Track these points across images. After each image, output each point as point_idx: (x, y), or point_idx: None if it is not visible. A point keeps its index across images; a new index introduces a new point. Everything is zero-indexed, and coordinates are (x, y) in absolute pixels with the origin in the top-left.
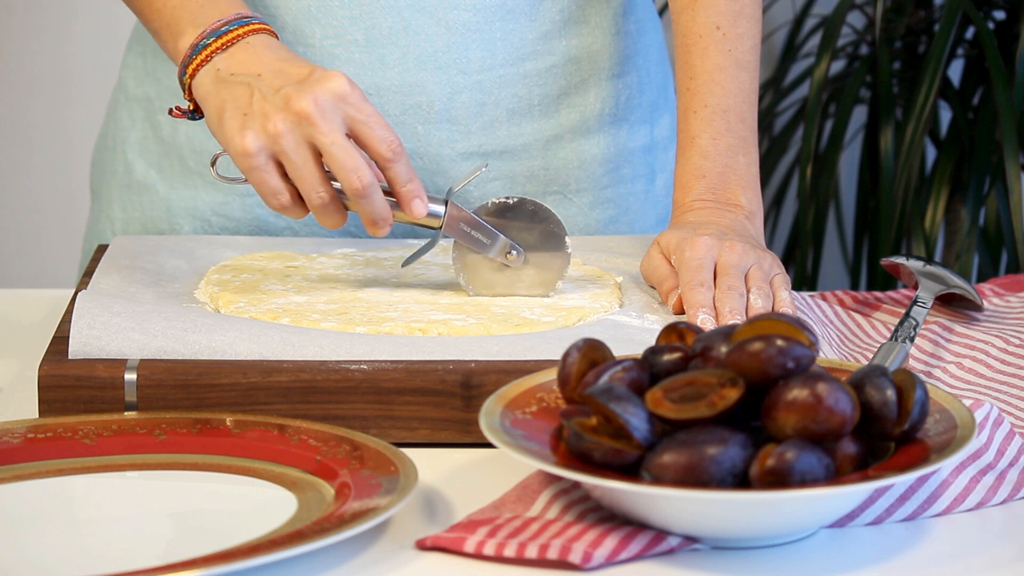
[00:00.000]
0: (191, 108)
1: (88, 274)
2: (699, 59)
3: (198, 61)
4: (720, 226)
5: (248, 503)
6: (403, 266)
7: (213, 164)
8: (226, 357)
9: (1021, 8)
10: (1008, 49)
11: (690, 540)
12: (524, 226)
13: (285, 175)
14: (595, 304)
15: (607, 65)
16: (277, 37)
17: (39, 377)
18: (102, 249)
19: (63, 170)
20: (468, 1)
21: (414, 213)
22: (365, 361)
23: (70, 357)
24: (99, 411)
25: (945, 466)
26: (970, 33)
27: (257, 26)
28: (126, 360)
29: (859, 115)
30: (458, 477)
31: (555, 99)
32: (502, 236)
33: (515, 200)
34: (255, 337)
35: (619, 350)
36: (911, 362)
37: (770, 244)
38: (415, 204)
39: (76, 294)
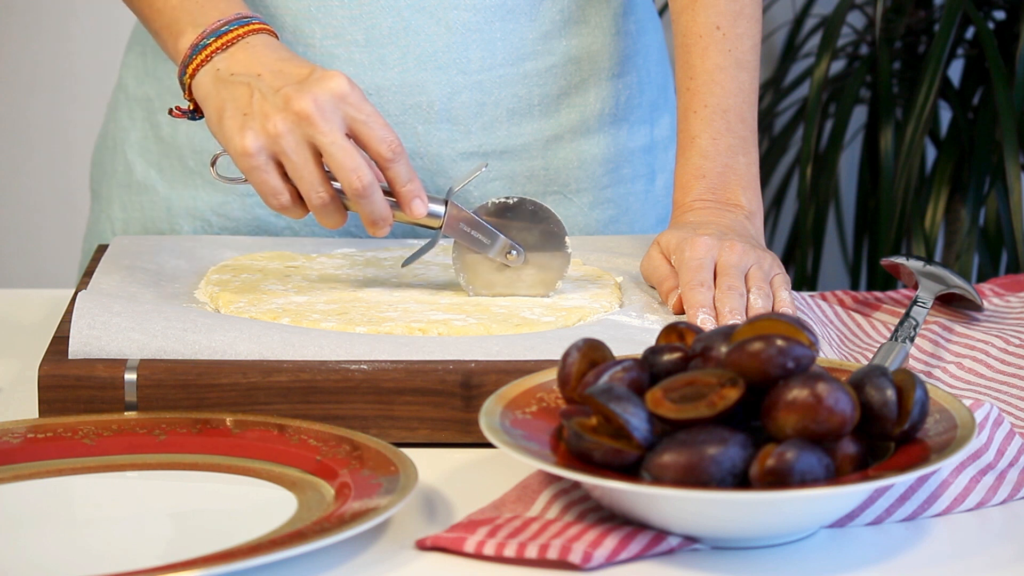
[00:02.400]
0: (191, 108)
1: (88, 274)
2: (699, 59)
3: (198, 61)
4: (720, 226)
5: (248, 503)
6: (403, 266)
7: (213, 164)
8: (226, 357)
9: (1021, 8)
10: (1008, 49)
11: (690, 540)
12: (524, 226)
13: (285, 175)
14: (595, 304)
15: (607, 65)
16: (277, 37)
17: (39, 377)
18: (102, 249)
19: (63, 170)
20: (468, 1)
21: (414, 213)
22: (365, 361)
23: (70, 357)
24: (99, 411)
25: (945, 466)
26: (970, 33)
27: (257, 26)
28: (126, 360)
29: (859, 115)
30: (458, 477)
31: (555, 99)
32: (502, 236)
33: (515, 200)
34: (255, 337)
35: (619, 350)
36: (911, 362)
37: (770, 244)
38: (415, 204)
39: (76, 294)
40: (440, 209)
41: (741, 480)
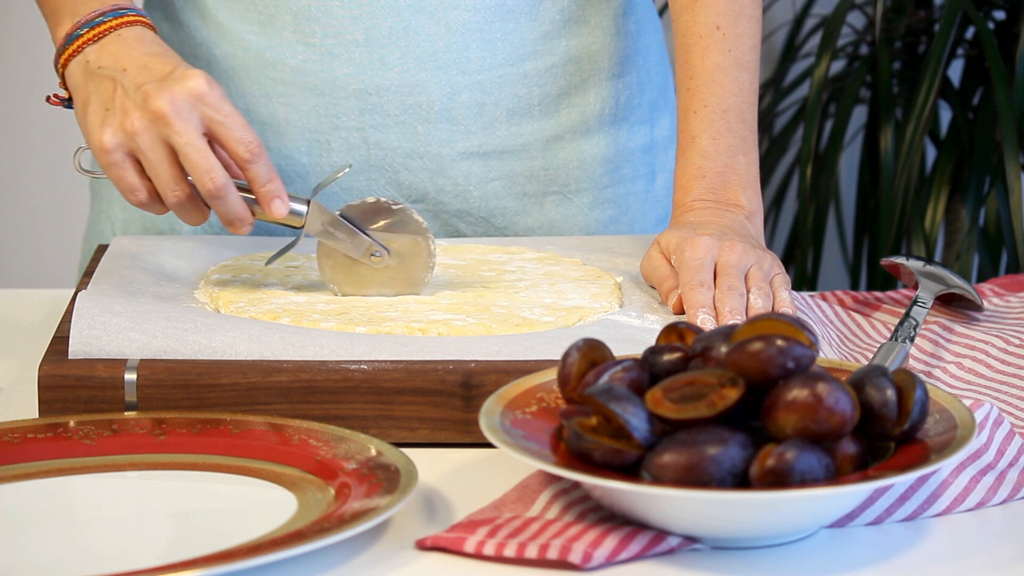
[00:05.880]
0: (68, 97)
1: (88, 274)
2: (699, 59)
3: (70, 51)
4: (720, 226)
5: (248, 503)
6: (266, 264)
7: (76, 156)
8: (226, 357)
9: (1021, 8)
10: (1008, 49)
11: (690, 540)
12: (388, 226)
13: (144, 172)
14: (595, 304)
15: (607, 65)
16: (154, 30)
17: (39, 377)
18: (102, 249)
19: (63, 170)
20: (468, 1)
21: (274, 213)
22: (365, 361)
23: (70, 357)
24: (99, 411)
25: (945, 466)
26: (970, 33)
27: (132, 18)
28: (126, 360)
29: (859, 115)
30: (458, 477)
31: (555, 99)
32: (365, 236)
33: (379, 200)
34: (255, 337)
35: (619, 350)
36: (911, 362)
37: (770, 244)
38: (275, 204)
39: (76, 294)
40: (302, 208)
41: (741, 480)
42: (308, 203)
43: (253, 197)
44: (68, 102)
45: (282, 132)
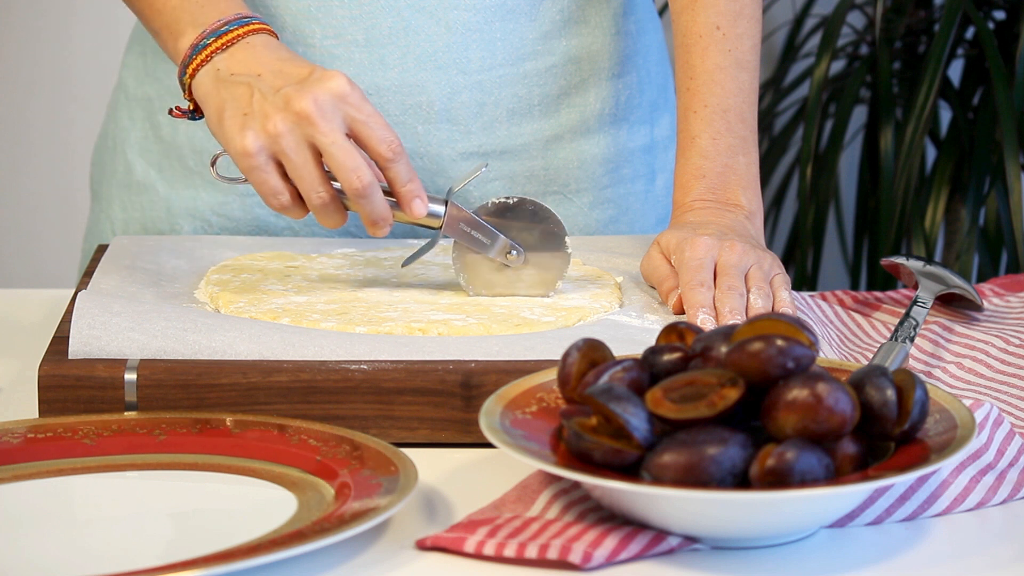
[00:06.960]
0: (191, 108)
1: (88, 274)
2: (699, 59)
3: (198, 61)
4: (720, 226)
5: (248, 503)
6: (403, 266)
7: (213, 164)
8: (226, 357)
9: (1021, 8)
10: (1008, 49)
11: (690, 540)
12: (524, 226)
13: (285, 175)
14: (595, 304)
15: (607, 65)
16: (277, 37)
17: (39, 377)
18: (102, 249)
19: (63, 170)
20: (468, 1)
21: (414, 213)
22: (365, 361)
23: (70, 357)
24: (99, 411)
25: (945, 466)
26: (970, 33)
27: (257, 26)
28: (126, 360)
29: (859, 115)
30: (458, 477)
31: (555, 99)
32: (502, 236)
33: (515, 200)
34: (255, 337)
35: (619, 350)
36: (911, 362)
37: (770, 244)
38: (415, 204)
39: (76, 294)
40: (440, 209)
41: (741, 480)
42: (446, 203)
43: (392, 199)
44: (192, 114)
45: None
